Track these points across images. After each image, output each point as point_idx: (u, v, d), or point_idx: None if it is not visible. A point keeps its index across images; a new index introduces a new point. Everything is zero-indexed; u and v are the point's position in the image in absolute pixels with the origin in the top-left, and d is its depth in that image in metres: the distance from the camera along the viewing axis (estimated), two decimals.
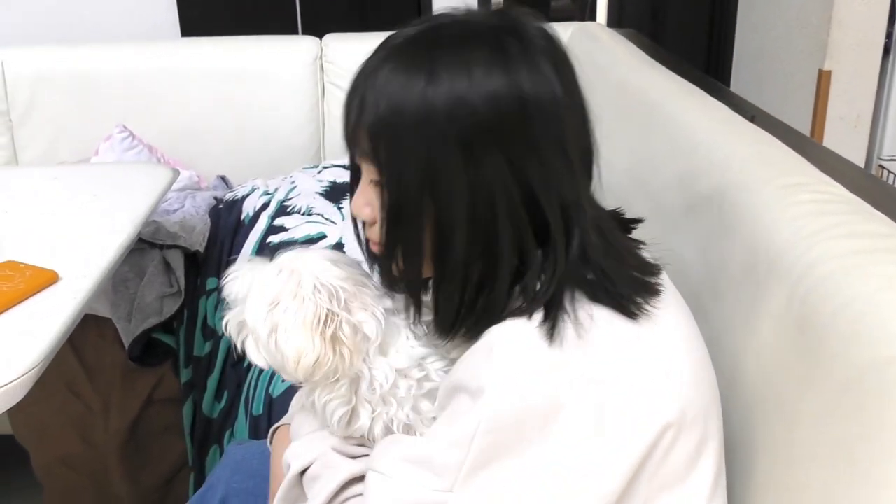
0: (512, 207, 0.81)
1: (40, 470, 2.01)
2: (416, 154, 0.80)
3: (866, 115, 2.60)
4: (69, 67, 2.43)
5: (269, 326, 0.89)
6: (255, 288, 0.91)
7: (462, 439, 0.79)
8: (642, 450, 0.80)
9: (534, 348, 0.79)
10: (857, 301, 0.85)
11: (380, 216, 0.85)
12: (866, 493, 0.76)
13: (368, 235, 0.91)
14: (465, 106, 0.78)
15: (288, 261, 0.92)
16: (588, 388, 0.79)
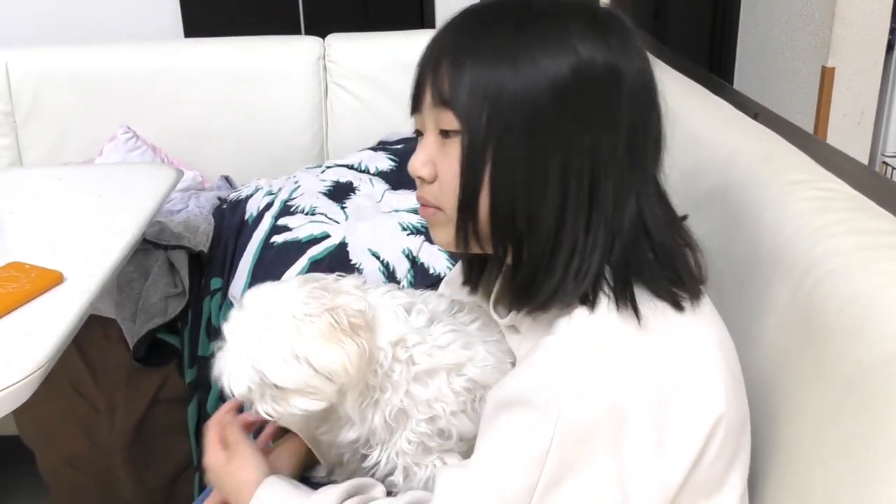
0: (594, 176, 0.82)
1: (46, 470, 2.02)
2: (520, 114, 0.80)
3: (870, 112, 2.59)
4: (73, 68, 2.43)
5: (294, 365, 0.88)
6: (253, 347, 0.90)
7: (534, 460, 0.78)
8: (700, 444, 0.81)
9: (605, 339, 0.80)
10: (860, 298, 0.85)
11: (470, 178, 0.84)
12: (870, 491, 0.76)
13: (422, 195, 0.90)
14: (568, 72, 0.80)
15: (259, 308, 0.92)
16: (652, 390, 0.79)
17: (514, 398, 0.82)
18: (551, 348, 0.81)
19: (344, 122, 2.47)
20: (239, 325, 0.91)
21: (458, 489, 0.83)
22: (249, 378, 0.89)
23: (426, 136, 0.88)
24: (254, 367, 0.88)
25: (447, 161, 0.86)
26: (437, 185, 0.88)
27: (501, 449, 0.81)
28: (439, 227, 0.91)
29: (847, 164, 1.33)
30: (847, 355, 0.84)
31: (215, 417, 1.09)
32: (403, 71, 2.76)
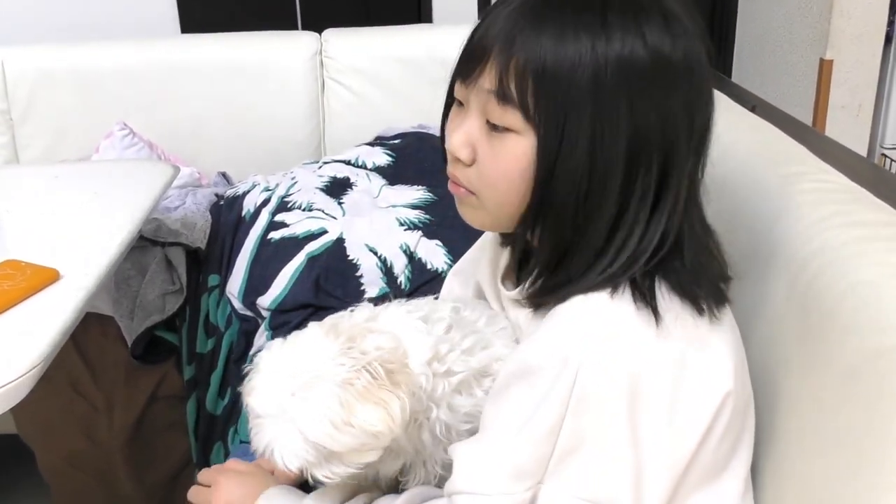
0: (654, 170, 0.81)
1: (46, 469, 2.01)
2: (583, 108, 0.78)
3: (868, 104, 2.59)
4: (69, 65, 2.42)
5: (346, 430, 0.83)
6: (301, 420, 0.84)
7: (549, 429, 0.78)
8: (709, 420, 0.81)
9: (621, 325, 0.79)
10: (859, 290, 0.84)
11: (508, 163, 0.82)
12: (869, 482, 0.76)
13: (455, 174, 0.88)
14: (637, 64, 0.78)
15: (291, 374, 0.86)
16: (667, 365, 0.79)
17: (528, 368, 0.81)
18: (566, 320, 0.81)
19: (341, 117, 2.46)
20: (275, 396, 0.85)
21: (476, 463, 0.82)
22: (304, 451, 0.84)
23: (470, 118, 0.85)
24: (306, 440, 0.84)
25: (493, 154, 0.84)
26: (476, 171, 0.86)
27: (516, 419, 0.80)
28: (469, 209, 0.90)
29: (845, 156, 1.32)
30: (845, 347, 0.84)
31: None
32: (401, 66, 2.77)
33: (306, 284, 1.71)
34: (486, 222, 0.91)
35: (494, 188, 0.85)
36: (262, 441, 0.85)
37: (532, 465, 0.79)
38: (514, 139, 0.82)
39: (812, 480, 0.84)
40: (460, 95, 0.87)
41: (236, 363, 1.75)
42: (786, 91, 2.72)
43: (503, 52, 0.80)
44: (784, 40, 2.73)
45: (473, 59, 0.83)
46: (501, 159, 0.83)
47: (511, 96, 0.80)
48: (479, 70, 0.82)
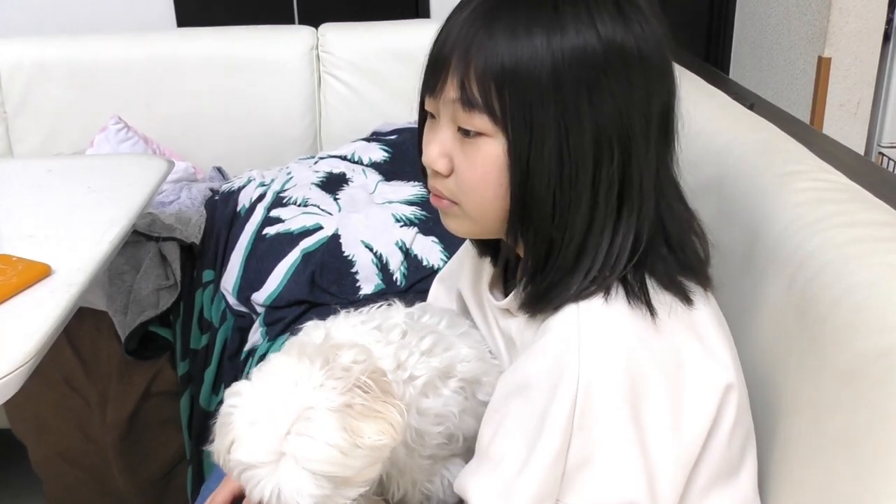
0: (625, 167, 0.81)
1: (39, 464, 2.01)
2: (546, 103, 0.78)
3: (866, 103, 2.59)
4: (64, 58, 2.41)
5: (354, 453, 0.80)
6: (306, 459, 0.79)
7: (558, 449, 0.77)
8: (712, 413, 0.81)
9: (617, 330, 0.79)
10: (857, 290, 0.84)
11: (483, 169, 0.82)
12: (867, 484, 0.76)
13: (436, 186, 0.88)
14: (592, 55, 0.78)
15: (281, 412, 0.80)
16: (668, 361, 0.80)
17: (527, 384, 0.81)
18: (560, 333, 0.80)
19: (337, 112, 2.46)
20: (265, 442, 0.79)
21: (492, 498, 0.81)
22: (316, 487, 0.79)
23: (442, 128, 0.85)
24: (315, 475, 0.79)
25: (468, 162, 0.84)
26: (454, 180, 0.86)
27: (523, 442, 0.80)
28: (453, 219, 0.90)
29: (844, 155, 1.32)
30: (843, 347, 0.83)
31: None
32: (397, 61, 2.76)
33: (301, 280, 1.70)
34: (472, 230, 0.91)
35: (474, 194, 0.85)
36: (266, 490, 0.79)
37: (549, 487, 0.78)
38: (486, 143, 0.82)
39: (810, 484, 0.84)
40: (431, 108, 0.87)
41: (231, 359, 1.75)
42: (784, 89, 2.72)
43: (461, 59, 0.80)
44: (782, 38, 2.72)
45: (436, 70, 0.84)
46: (477, 165, 0.83)
47: (476, 101, 0.80)
48: (442, 81, 0.83)
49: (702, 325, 0.84)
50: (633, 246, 0.82)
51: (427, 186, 0.91)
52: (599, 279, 0.81)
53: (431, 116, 0.88)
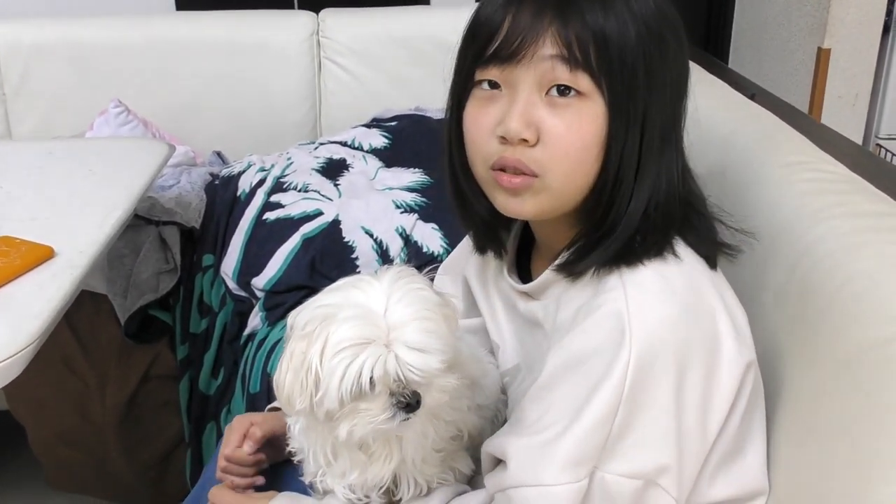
0: (676, 131, 0.86)
1: (38, 447, 2.01)
2: (636, 63, 0.81)
3: (865, 94, 2.59)
4: (64, 41, 2.40)
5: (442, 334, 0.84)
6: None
7: (605, 416, 0.78)
8: (734, 390, 0.83)
9: (662, 306, 0.80)
10: (857, 280, 0.85)
11: (577, 133, 0.82)
12: (863, 470, 0.76)
13: (518, 158, 0.83)
14: (658, 17, 0.82)
15: (412, 297, 0.84)
16: (708, 336, 0.81)
17: (581, 357, 0.81)
18: (612, 306, 0.80)
19: (337, 98, 2.45)
20: (375, 318, 0.82)
21: (533, 456, 0.81)
22: (422, 362, 0.82)
23: (522, 94, 0.83)
24: (422, 353, 0.82)
25: (564, 124, 0.82)
26: (542, 149, 0.82)
27: (571, 408, 0.80)
28: (528, 197, 0.86)
29: (844, 146, 1.32)
30: (843, 337, 0.84)
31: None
32: (398, 47, 2.75)
33: (301, 266, 1.70)
34: (544, 208, 0.86)
35: (565, 160, 0.83)
36: (374, 365, 0.80)
37: (587, 450, 0.79)
38: (583, 104, 0.82)
39: (808, 470, 0.85)
40: (497, 77, 0.84)
41: (230, 343, 1.75)
42: (783, 79, 2.72)
43: (559, 16, 0.80)
44: (782, 28, 2.72)
45: (517, 34, 0.81)
46: (574, 126, 0.82)
47: (578, 59, 0.80)
48: (530, 43, 0.81)
49: (730, 300, 0.86)
50: (667, 197, 0.84)
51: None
52: (650, 243, 0.83)
53: (492, 86, 0.85)
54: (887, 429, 0.76)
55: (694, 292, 0.83)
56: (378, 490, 0.91)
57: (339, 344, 0.80)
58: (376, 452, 0.89)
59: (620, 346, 0.78)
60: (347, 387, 0.80)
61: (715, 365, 0.81)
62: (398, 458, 0.89)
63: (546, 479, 0.79)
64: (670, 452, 0.79)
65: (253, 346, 1.69)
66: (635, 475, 0.79)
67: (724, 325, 0.83)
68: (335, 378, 0.80)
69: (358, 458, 0.89)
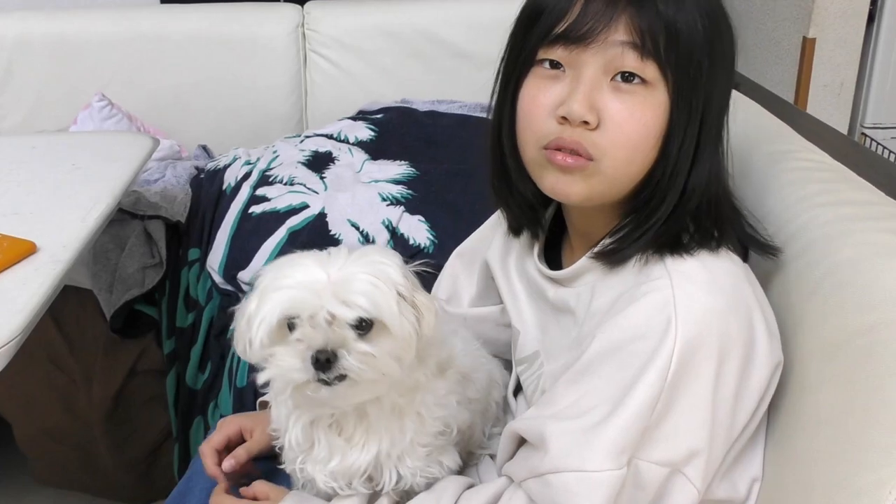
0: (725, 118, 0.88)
1: (25, 442, 2.01)
2: (702, 52, 0.82)
3: (850, 83, 2.59)
4: (48, 34, 2.39)
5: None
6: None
7: (648, 403, 0.78)
8: (762, 389, 0.84)
9: (708, 297, 0.80)
10: (841, 268, 0.85)
11: (638, 118, 0.82)
12: (848, 458, 0.77)
13: (577, 140, 0.83)
14: (717, 11, 0.84)
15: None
16: (745, 329, 0.82)
17: (623, 344, 0.81)
18: (658, 294, 0.81)
19: (323, 90, 2.44)
20: (335, 262, 0.86)
21: (576, 441, 0.81)
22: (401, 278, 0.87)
23: (586, 76, 0.82)
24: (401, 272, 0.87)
25: (627, 111, 0.82)
26: (601, 133, 0.82)
27: (614, 394, 0.80)
28: (580, 179, 0.85)
29: (828, 135, 1.32)
30: (826, 325, 0.84)
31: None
32: (384, 39, 2.74)
33: None
34: (593, 193, 0.86)
35: (624, 147, 0.83)
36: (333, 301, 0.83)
37: (630, 438, 0.78)
38: (649, 92, 0.82)
39: (794, 459, 0.85)
40: (561, 58, 0.84)
41: (217, 338, 1.75)
42: (768, 69, 2.72)
43: (633, 4, 0.80)
44: (767, 18, 2.72)
45: (590, 16, 0.81)
46: (637, 114, 0.82)
47: (649, 48, 0.80)
48: (602, 27, 0.80)
49: (762, 297, 0.87)
50: (706, 188, 0.86)
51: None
52: (698, 235, 0.84)
53: (554, 66, 0.85)
54: (871, 416, 0.76)
55: (736, 286, 0.84)
56: (359, 478, 0.90)
57: (272, 287, 0.83)
58: (353, 437, 0.89)
59: (666, 333, 0.78)
60: (266, 321, 0.82)
61: (749, 360, 0.82)
62: (375, 447, 0.89)
63: (590, 465, 0.79)
64: (702, 443, 0.80)
65: None
66: (666, 463, 0.79)
67: (759, 322, 0.84)
68: (258, 316, 0.83)
69: (336, 443, 0.89)
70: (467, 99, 2.30)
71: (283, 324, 0.84)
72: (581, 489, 0.79)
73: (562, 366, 0.89)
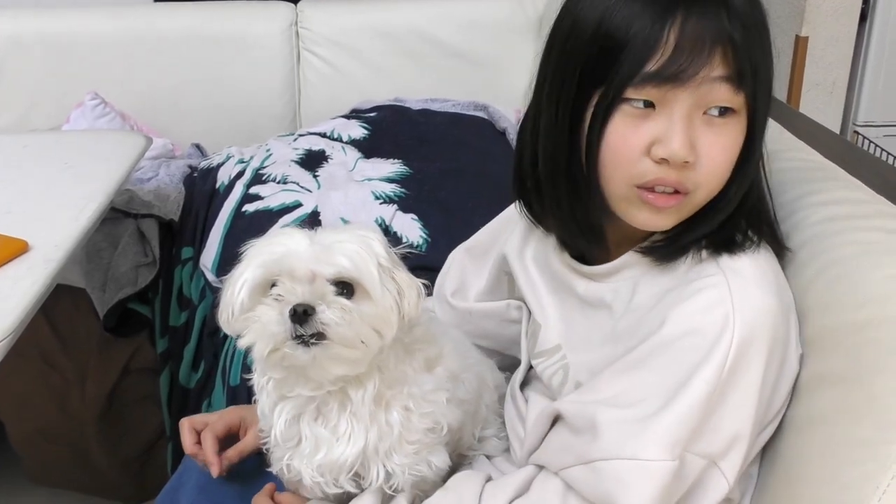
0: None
1: (17, 442, 2.00)
2: (769, 64, 0.82)
3: (843, 81, 2.60)
4: (39, 33, 2.38)
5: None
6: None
7: (705, 397, 0.78)
8: (794, 377, 0.85)
9: (762, 295, 0.81)
10: (833, 267, 0.85)
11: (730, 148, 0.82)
12: (839, 453, 0.77)
13: (679, 179, 0.81)
14: (763, 14, 0.83)
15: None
16: (783, 331, 0.83)
17: (679, 334, 0.81)
18: (713, 291, 0.81)
19: (316, 89, 2.45)
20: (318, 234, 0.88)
21: (630, 430, 0.80)
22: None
23: (681, 114, 0.80)
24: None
25: (719, 145, 0.81)
26: (695, 168, 0.81)
27: (670, 387, 0.80)
28: (674, 212, 0.85)
29: (820, 134, 1.33)
30: (820, 322, 0.84)
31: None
32: (377, 38, 2.73)
33: None
34: (677, 220, 0.86)
35: (717, 178, 0.83)
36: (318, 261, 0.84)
37: (688, 431, 0.79)
38: (737, 120, 0.81)
39: (786, 459, 0.85)
40: (654, 98, 0.80)
41: (210, 336, 1.74)
42: None
43: (725, 31, 0.78)
44: None
45: (685, 51, 0.77)
46: (728, 146, 0.82)
47: (745, 79, 0.79)
48: (700, 62, 0.77)
49: (792, 295, 0.88)
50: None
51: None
52: (750, 234, 0.86)
53: (639, 105, 0.81)
54: (859, 412, 0.77)
55: (781, 283, 0.85)
56: (346, 474, 0.90)
57: (256, 252, 0.86)
58: (339, 428, 0.89)
59: (724, 329, 0.78)
60: (248, 281, 0.84)
61: (785, 360, 0.83)
62: (361, 440, 0.88)
63: (645, 454, 0.78)
64: (742, 436, 0.80)
65: (233, 338, 1.68)
66: (706, 455, 0.80)
67: (794, 320, 0.85)
68: (241, 278, 0.85)
69: (322, 435, 0.89)
70: (460, 97, 2.30)
71: (266, 284, 0.85)
72: (633, 478, 0.79)
73: (601, 357, 0.89)
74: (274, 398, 0.90)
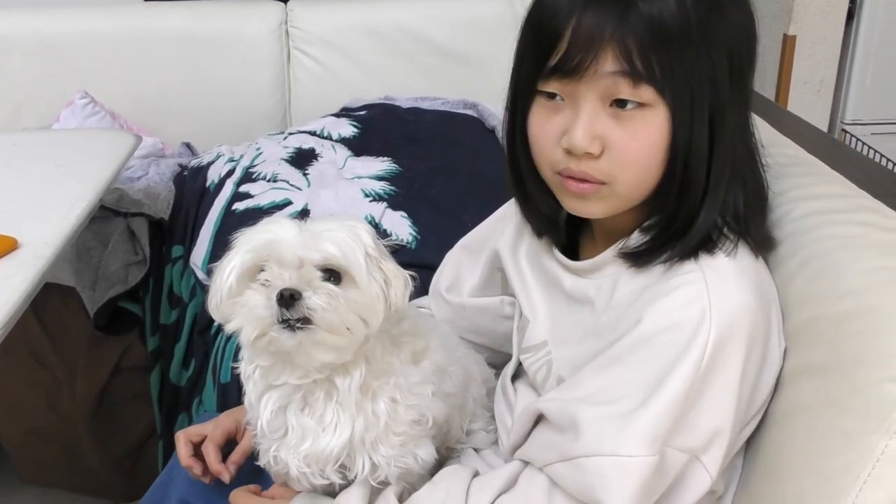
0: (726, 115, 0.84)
1: (8, 441, 2.00)
2: (700, 59, 0.80)
3: (830, 80, 2.62)
4: (29, 31, 2.38)
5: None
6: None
7: (683, 393, 0.79)
8: (777, 372, 0.86)
9: (739, 291, 0.82)
10: (814, 260, 0.86)
11: (645, 139, 0.82)
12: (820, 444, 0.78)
13: (584, 169, 0.84)
14: (726, 16, 0.81)
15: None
16: (765, 329, 0.83)
17: (653, 336, 0.82)
18: (691, 288, 0.82)
19: (307, 88, 2.45)
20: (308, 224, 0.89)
21: (610, 426, 0.81)
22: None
23: (584, 108, 0.82)
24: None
25: (629, 136, 0.82)
26: (607, 159, 0.83)
27: (649, 383, 0.80)
28: (596, 201, 0.87)
29: (806, 131, 1.34)
30: (802, 315, 0.85)
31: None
32: (368, 37, 2.73)
33: None
34: (612, 209, 0.88)
35: (633, 169, 0.83)
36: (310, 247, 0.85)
37: (667, 427, 0.79)
38: (648, 113, 0.81)
39: (769, 450, 0.86)
40: (558, 90, 0.84)
41: (201, 334, 1.75)
42: None
43: (618, 30, 0.78)
44: None
45: (578, 48, 0.80)
46: (640, 137, 0.82)
47: (642, 72, 0.79)
48: (591, 57, 0.79)
49: (774, 292, 0.88)
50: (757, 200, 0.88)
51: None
52: (727, 234, 0.85)
53: (549, 97, 0.85)
54: (840, 403, 0.77)
55: (761, 281, 0.86)
56: (332, 465, 0.91)
57: (245, 239, 0.87)
58: (325, 417, 0.89)
59: (700, 325, 0.79)
60: (237, 267, 0.85)
61: (766, 354, 0.84)
62: (347, 430, 0.89)
63: (625, 450, 0.79)
64: (722, 431, 0.81)
65: (224, 336, 1.68)
66: (687, 449, 0.81)
67: (775, 312, 0.86)
68: (230, 264, 0.86)
69: (308, 425, 0.89)
70: (450, 96, 2.31)
71: (254, 270, 0.86)
72: (614, 474, 0.80)
73: (582, 353, 0.90)
74: (261, 388, 0.91)
